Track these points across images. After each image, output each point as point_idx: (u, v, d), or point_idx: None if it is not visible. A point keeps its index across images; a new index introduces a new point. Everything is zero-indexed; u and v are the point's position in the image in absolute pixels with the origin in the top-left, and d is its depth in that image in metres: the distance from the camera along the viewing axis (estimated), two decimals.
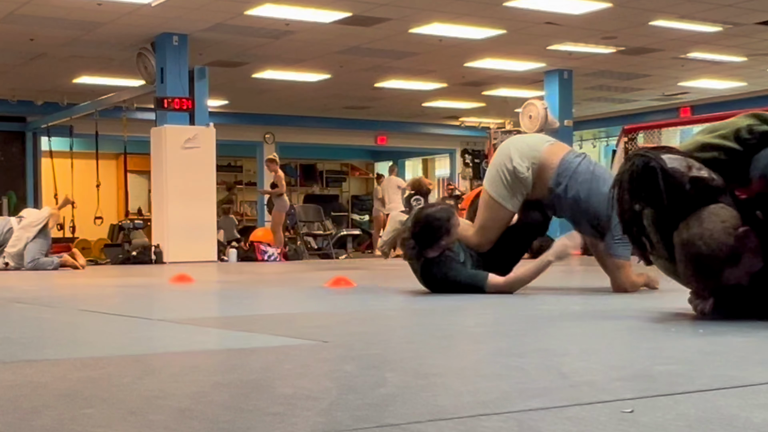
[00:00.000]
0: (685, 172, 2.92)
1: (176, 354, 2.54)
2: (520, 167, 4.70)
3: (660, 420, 1.43)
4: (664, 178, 2.91)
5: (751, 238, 2.89)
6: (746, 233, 2.88)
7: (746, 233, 2.88)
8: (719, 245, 2.86)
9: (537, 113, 15.78)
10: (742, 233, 2.88)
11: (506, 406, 1.58)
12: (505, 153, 4.83)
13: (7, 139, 19.01)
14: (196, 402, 1.68)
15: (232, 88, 16.93)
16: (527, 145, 4.82)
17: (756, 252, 2.92)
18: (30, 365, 2.28)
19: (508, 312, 3.73)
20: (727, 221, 2.89)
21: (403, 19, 12.22)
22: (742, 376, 1.91)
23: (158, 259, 12.64)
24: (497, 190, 4.76)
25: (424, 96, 18.58)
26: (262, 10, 11.65)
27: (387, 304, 4.59)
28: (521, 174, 4.69)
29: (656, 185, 2.93)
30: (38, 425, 1.47)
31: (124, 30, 12.58)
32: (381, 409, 1.55)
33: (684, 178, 2.91)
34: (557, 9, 11.81)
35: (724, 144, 3.04)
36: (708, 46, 14.16)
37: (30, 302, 5.00)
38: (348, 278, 5.94)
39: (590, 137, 23.17)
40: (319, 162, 24.81)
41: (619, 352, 2.38)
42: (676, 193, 2.91)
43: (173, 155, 12.96)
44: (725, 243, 2.86)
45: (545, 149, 4.75)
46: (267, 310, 4.44)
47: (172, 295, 5.79)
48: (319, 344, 2.60)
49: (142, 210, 20.27)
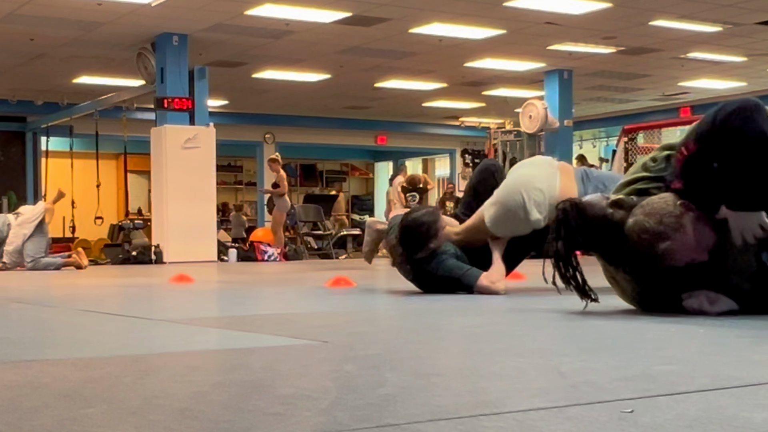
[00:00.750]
0: (602, 199, 3.23)
1: (176, 354, 2.54)
2: (537, 221, 4.42)
3: (660, 420, 1.43)
4: (587, 211, 3.19)
5: (689, 204, 3.07)
6: (686, 203, 3.06)
7: (686, 203, 3.06)
8: (663, 213, 3.05)
9: (537, 113, 15.78)
10: (681, 200, 3.07)
11: (506, 406, 1.58)
12: (516, 200, 4.46)
13: (7, 139, 19.02)
14: (196, 402, 1.68)
15: (232, 88, 16.93)
16: (541, 191, 4.44)
17: (702, 221, 3.04)
18: (30, 365, 2.28)
19: (507, 312, 3.73)
20: (666, 198, 3.11)
21: (403, 19, 12.22)
22: (742, 376, 1.91)
23: (158, 259, 12.64)
24: (501, 231, 4.56)
25: (424, 96, 18.58)
26: (262, 10, 11.65)
27: (387, 304, 4.59)
28: (538, 225, 4.42)
29: (585, 222, 3.18)
30: (38, 425, 1.47)
31: (124, 30, 12.58)
32: (381, 409, 1.55)
33: (603, 203, 3.20)
34: (557, 9, 11.82)
35: (639, 176, 3.33)
36: (708, 46, 14.16)
37: (30, 302, 5.00)
38: (348, 278, 5.94)
39: (590, 137, 23.17)
40: (319, 162, 24.81)
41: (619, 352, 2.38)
42: (603, 221, 3.17)
43: (173, 155, 12.97)
44: (668, 210, 3.06)
45: (560, 188, 4.44)
46: (267, 310, 4.44)
47: (172, 295, 5.79)
48: (319, 344, 2.60)
49: (142, 210, 20.27)
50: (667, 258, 3.07)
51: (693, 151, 3.03)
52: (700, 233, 3.04)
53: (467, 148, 22.23)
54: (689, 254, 3.06)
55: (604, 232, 3.17)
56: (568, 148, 16.40)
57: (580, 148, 22.72)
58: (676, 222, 3.04)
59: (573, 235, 3.20)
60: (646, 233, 3.06)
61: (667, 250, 3.05)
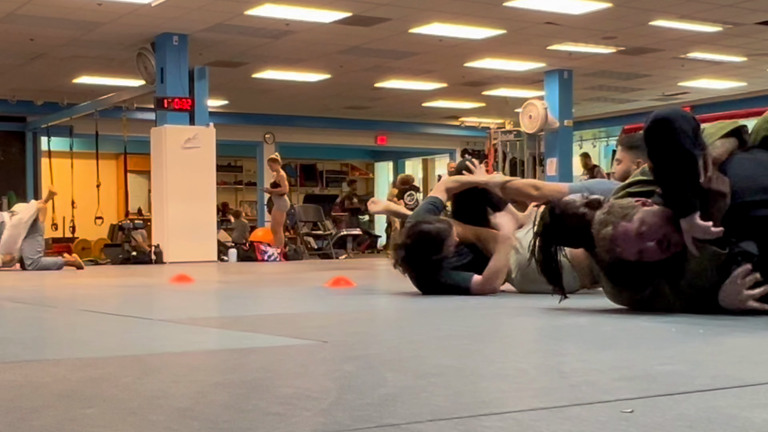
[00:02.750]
0: (577, 199, 3.42)
1: (176, 354, 2.54)
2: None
3: (660, 420, 1.43)
4: (564, 210, 3.41)
5: (647, 201, 3.20)
6: (643, 201, 3.21)
7: (643, 201, 3.21)
8: (614, 210, 3.20)
9: (537, 113, 15.78)
10: (639, 199, 3.22)
11: (506, 406, 1.58)
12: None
13: (7, 139, 19.02)
14: (196, 402, 1.68)
15: (232, 88, 16.93)
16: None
17: (656, 215, 3.13)
18: (30, 365, 2.28)
19: (507, 312, 3.73)
20: (628, 198, 3.27)
21: (403, 19, 12.22)
22: (742, 376, 1.91)
23: (158, 259, 12.64)
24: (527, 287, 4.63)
25: (424, 96, 18.58)
26: (262, 10, 11.65)
27: (387, 304, 4.59)
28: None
29: (561, 220, 3.40)
30: (38, 425, 1.47)
31: (124, 30, 12.58)
32: (381, 409, 1.55)
33: (576, 203, 3.40)
34: (557, 9, 11.81)
35: (636, 179, 3.45)
36: (708, 46, 14.16)
37: (30, 302, 5.00)
38: (348, 278, 5.94)
39: (590, 137, 23.16)
40: (319, 162, 24.81)
41: (619, 352, 2.38)
42: (577, 220, 3.35)
43: (173, 155, 12.96)
44: (621, 206, 3.21)
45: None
46: (267, 310, 4.44)
47: (172, 295, 5.79)
48: (319, 344, 2.60)
49: (142, 210, 20.27)
50: (612, 247, 3.18)
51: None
52: (648, 225, 3.12)
53: (467, 148, 22.22)
54: (632, 245, 3.13)
55: (579, 229, 3.34)
56: (568, 148, 16.40)
57: (580, 148, 22.69)
58: (622, 212, 3.18)
59: (550, 231, 3.44)
60: (596, 223, 3.23)
61: (609, 237, 3.17)
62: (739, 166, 3.23)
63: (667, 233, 3.11)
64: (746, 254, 3.09)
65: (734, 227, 3.10)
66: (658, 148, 3.09)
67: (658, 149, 3.09)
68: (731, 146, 3.30)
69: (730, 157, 3.26)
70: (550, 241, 3.48)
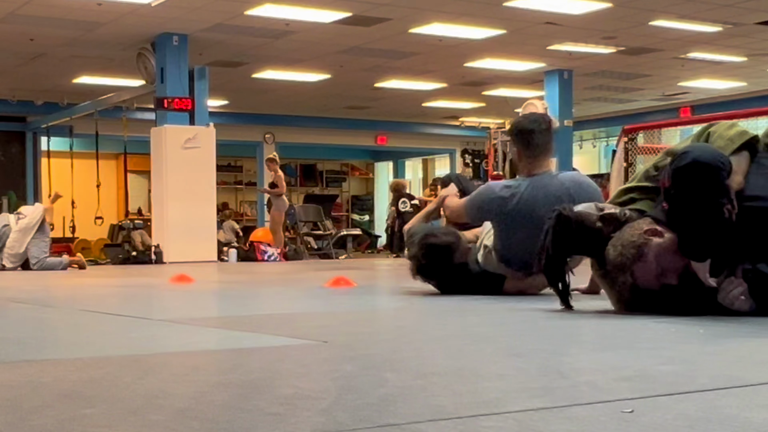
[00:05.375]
0: (593, 212, 3.34)
1: (176, 354, 2.54)
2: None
3: (660, 420, 1.43)
4: (579, 222, 3.33)
5: (658, 230, 3.13)
6: (653, 230, 3.13)
7: (653, 230, 3.13)
8: (626, 244, 3.16)
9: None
10: (649, 227, 3.15)
11: (506, 406, 1.58)
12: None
13: (7, 139, 19.02)
14: (196, 402, 1.68)
15: (232, 88, 16.93)
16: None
17: (667, 248, 3.09)
18: (30, 365, 2.28)
19: (507, 312, 3.73)
20: (637, 226, 3.19)
21: (403, 19, 12.22)
22: (742, 376, 1.91)
23: (158, 259, 12.64)
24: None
25: (424, 96, 18.58)
26: (262, 10, 11.65)
27: (387, 304, 4.59)
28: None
29: (573, 233, 3.33)
30: (38, 425, 1.47)
31: (124, 30, 12.58)
32: (381, 409, 1.55)
33: (592, 218, 3.31)
34: (557, 9, 11.82)
35: (638, 185, 3.44)
36: (708, 46, 14.16)
37: (30, 302, 5.00)
38: (348, 278, 5.94)
39: (590, 137, 23.16)
40: (319, 162, 24.81)
41: (619, 352, 2.38)
42: (590, 232, 3.30)
43: (173, 155, 12.96)
44: (631, 241, 3.14)
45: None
46: (267, 310, 4.44)
47: (172, 295, 5.79)
48: (319, 344, 2.60)
49: (142, 210, 20.27)
50: (639, 284, 3.17)
51: (667, 186, 3.09)
52: (664, 259, 3.11)
53: (467, 148, 22.22)
54: (655, 280, 3.14)
55: (593, 243, 3.31)
56: (568, 148, 16.39)
57: (580, 148, 22.73)
58: (637, 252, 3.14)
59: (562, 242, 3.37)
60: (611, 265, 3.22)
61: (629, 285, 3.17)
62: (755, 184, 3.18)
63: (686, 262, 3.10)
64: (759, 274, 3.08)
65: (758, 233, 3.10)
66: (688, 193, 2.99)
67: (688, 194, 2.99)
68: (746, 166, 3.22)
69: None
70: (562, 250, 3.42)
